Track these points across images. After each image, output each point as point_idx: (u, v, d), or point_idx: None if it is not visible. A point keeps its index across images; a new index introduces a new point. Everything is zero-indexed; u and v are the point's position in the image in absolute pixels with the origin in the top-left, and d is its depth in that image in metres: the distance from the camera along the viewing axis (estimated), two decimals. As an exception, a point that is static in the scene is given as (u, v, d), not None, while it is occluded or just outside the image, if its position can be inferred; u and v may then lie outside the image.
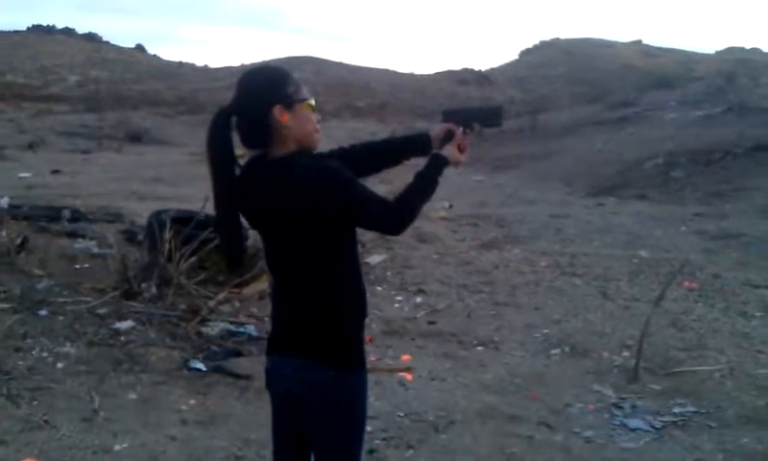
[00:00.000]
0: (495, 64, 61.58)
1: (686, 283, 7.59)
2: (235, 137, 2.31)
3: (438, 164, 2.38)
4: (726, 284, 7.61)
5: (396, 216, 2.26)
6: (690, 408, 4.83)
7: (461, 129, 2.48)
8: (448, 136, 2.49)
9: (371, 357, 2.20)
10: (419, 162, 2.45)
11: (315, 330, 2.29)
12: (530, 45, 66.05)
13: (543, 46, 63.67)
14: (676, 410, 4.81)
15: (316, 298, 2.29)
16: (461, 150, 2.45)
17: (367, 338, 2.44)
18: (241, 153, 2.34)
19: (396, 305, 7.21)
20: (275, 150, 2.28)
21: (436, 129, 2.54)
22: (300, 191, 2.19)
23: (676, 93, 28.09)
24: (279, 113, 2.24)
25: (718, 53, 56.62)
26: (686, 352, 5.82)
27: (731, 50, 56.29)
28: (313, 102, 2.34)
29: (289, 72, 2.36)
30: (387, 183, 7.27)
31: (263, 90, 2.28)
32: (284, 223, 2.26)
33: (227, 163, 2.29)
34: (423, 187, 2.33)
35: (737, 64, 36.28)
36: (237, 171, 2.31)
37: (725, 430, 4.52)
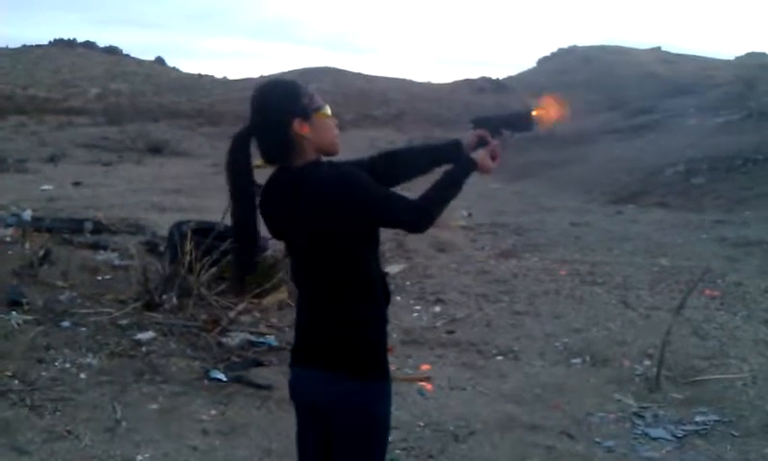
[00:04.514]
0: (513, 72, 61.52)
1: (708, 291, 7.53)
2: (254, 149, 2.33)
3: (466, 167, 2.38)
4: (747, 292, 7.54)
5: (419, 212, 2.25)
6: (712, 417, 4.79)
7: (496, 141, 2.50)
8: (480, 144, 2.50)
9: (390, 367, 2.22)
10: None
11: (339, 342, 2.29)
12: (548, 53, 65.90)
13: (561, 53, 63.43)
14: (698, 419, 4.77)
15: (339, 309, 2.30)
16: (493, 158, 2.46)
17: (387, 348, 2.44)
18: (259, 163, 2.36)
19: (415, 315, 7.21)
20: (295, 161, 2.29)
21: (468, 137, 2.54)
22: (317, 200, 2.21)
23: (695, 100, 27.87)
24: (299, 126, 2.26)
25: (738, 59, 56.10)
26: (708, 361, 5.76)
27: (751, 55, 55.72)
28: (329, 109, 2.36)
29: (300, 83, 2.37)
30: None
31: (279, 107, 2.29)
32: (306, 233, 2.27)
33: (245, 185, 2.32)
34: (449, 186, 2.32)
35: (758, 70, 35.91)
36: (256, 186, 2.34)
37: (748, 439, 4.48)
